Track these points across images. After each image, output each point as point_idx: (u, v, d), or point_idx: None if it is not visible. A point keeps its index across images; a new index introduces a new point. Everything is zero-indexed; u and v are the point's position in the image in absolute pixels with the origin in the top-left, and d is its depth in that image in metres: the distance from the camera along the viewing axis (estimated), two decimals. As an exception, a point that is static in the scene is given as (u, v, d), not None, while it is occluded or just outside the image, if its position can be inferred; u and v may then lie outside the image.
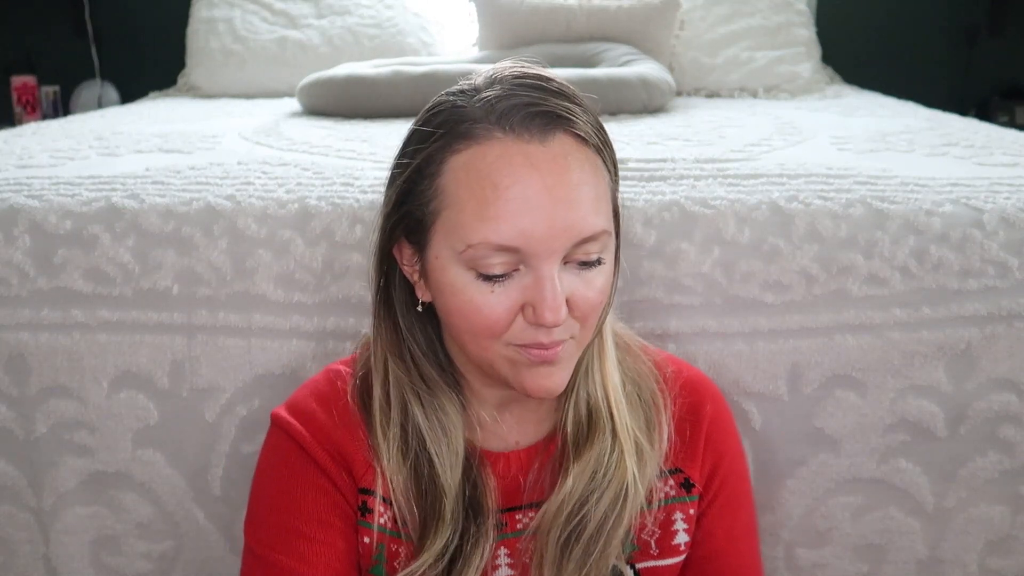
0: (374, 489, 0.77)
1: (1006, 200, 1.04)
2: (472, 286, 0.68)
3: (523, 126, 0.66)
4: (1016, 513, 1.04)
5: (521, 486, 0.79)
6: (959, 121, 1.69)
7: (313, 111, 1.76)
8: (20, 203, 1.05)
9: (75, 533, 1.07)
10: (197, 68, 2.36)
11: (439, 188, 0.68)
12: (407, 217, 0.71)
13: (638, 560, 0.81)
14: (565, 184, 0.66)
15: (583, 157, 0.67)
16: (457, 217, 0.67)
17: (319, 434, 0.79)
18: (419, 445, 0.76)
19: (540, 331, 0.68)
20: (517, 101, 0.67)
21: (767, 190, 1.05)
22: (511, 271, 0.67)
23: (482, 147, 0.66)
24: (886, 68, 2.75)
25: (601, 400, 0.78)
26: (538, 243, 0.65)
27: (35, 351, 1.03)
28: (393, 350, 0.77)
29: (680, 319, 1.00)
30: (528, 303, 0.67)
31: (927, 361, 0.99)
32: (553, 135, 0.66)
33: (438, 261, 0.69)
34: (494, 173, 0.65)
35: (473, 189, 0.66)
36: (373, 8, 2.36)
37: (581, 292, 0.69)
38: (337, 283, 1.02)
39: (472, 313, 0.68)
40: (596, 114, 0.71)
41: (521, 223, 0.65)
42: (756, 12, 2.32)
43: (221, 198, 1.05)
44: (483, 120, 0.67)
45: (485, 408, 0.79)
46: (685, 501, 0.82)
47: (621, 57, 1.95)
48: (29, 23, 2.83)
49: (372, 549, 0.77)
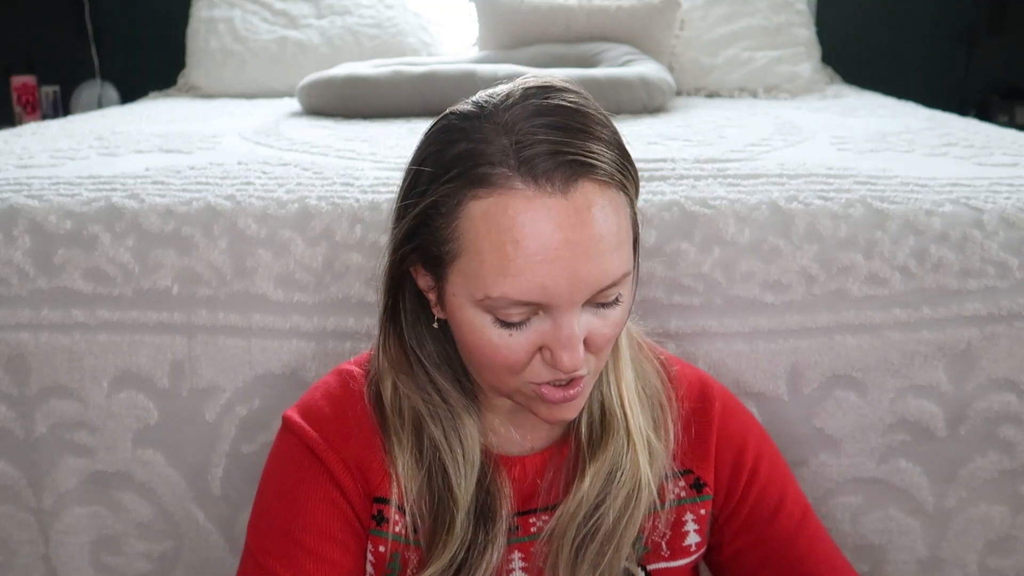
0: (390, 497, 0.76)
1: (1006, 200, 1.04)
2: (490, 329, 0.67)
3: (545, 177, 0.63)
4: (1016, 513, 1.04)
5: (537, 490, 0.79)
6: (959, 121, 1.69)
7: (313, 111, 1.76)
8: (20, 203, 1.05)
9: (75, 533, 1.07)
10: (197, 68, 2.36)
11: (456, 231, 0.66)
12: (421, 249, 0.69)
13: (648, 562, 0.81)
14: (587, 239, 0.64)
15: (606, 202, 0.65)
16: (476, 267, 0.65)
17: (334, 440, 0.77)
18: (434, 455, 0.75)
19: (558, 373, 0.68)
20: (540, 149, 0.63)
21: (767, 190, 1.05)
22: (530, 316, 0.67)
23: (503, 197, 0.63)
24: (886, 68, 2.75)
25: (615, 401, 0.78)
26: (558, 298, 0.65)
27: (35, 351, 1.03)
28: (401, 368, 0.76)
29: (680, 319, 1.00)
30: (546, 346, 0.67)
31: (927, 361, 0.99)
32: (576, 184, 0.64)
33: (455, 299, 0.68)
34: (515, 228, 0.63)
35: (493, 242, 0.64)
36: (373, 8, 2.36)
37: (598, 330, 0.68)
38: (337, 283, 1.02)
39: (491, 353, 0.68)
40: (615, 133, 0.69)
41: (542, 280, 0.64)
42: (756, 12, 2.32)
43: (221, 198, 1.05)
44: (503, 164, 0.64)
45: (498, 415, 0.79)
46: (696, 502, 0.82)
47: (621, 57, 1.95)
48: (29, 23, 2.83)
49: (387, 558, 0.77)
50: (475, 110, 0.67)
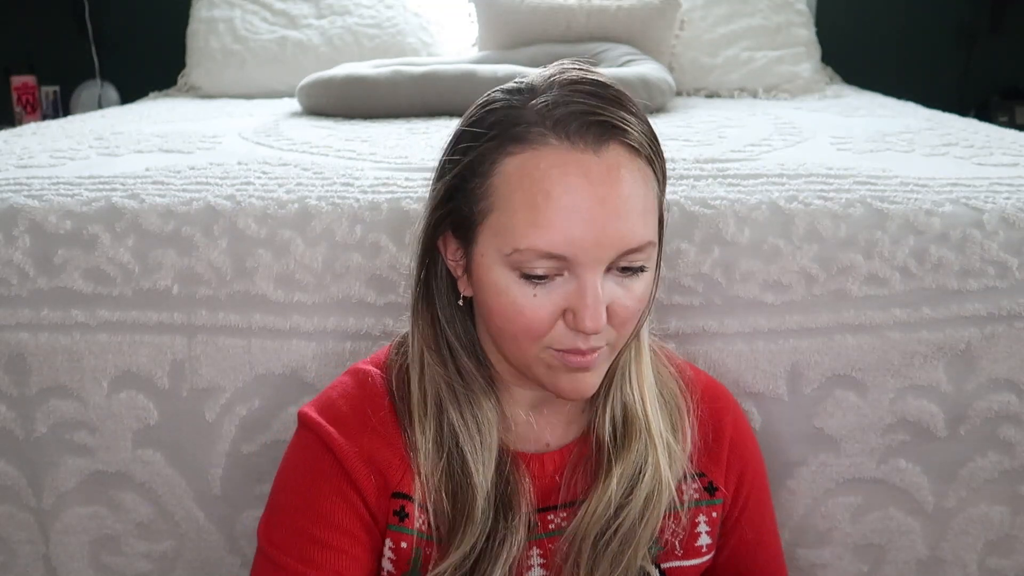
0: (411, 494, 0.76)
1: (1006, 200, 1.04)
2: (515, 287, 0.68)
3: (578, 134, 0.66)
4: (1016, 513, 1.04)
5: (556, 487, 0.80)
6: (959, 121, 1.69)
7: (313, 111, 1.76)
8: (20, 203, 1.05)
9: (75, 533, 1.07)
10: (197, 68, 2.36)
11: (490, 188, 0.68)
12: (454, 213, 0.71)
13: (663, 560, 0.82)
14: (616, 196, 0.66)
15: (635, 168, 0.67)
16: (507, 220, 0.67)
17: (351, 434, 0.77)
18: (453, 441, 0.76)
19: (579, 336, 0.69)
20: (574, 108, 0.66)
21: (767, 190, 1.05)
22: (555, 275, 0.68)
23: (537, 152, 0.66)
24: (886, 68, 2.75)
25: (637, 402, 0.79)
26: (585, 253, 0.66)
27: (35, 351, 1.03)
28: (430, 344, 0.77)
29: (680, 319, 1.00)
30: (569, 308, 0.68)
31: (927, 361, 0.99)
32: (607, 145, 0.66)
33: (483, 259, 0.69)
34: (547, 180, 0.65)
35: (525, 194, 0.66)
36: (373, 8, 2.36)
37: (621, 300, 0.69)
38: (337, 283, 1.02)
39: (515, 314, 0.69)
40: (648, 122, 0.71)
41: (570, 233, 0.65)
42: (756, 12, 2.32)
43: (221, 198, 1.05)
44: (539, 124, 0.67)
45: (518, 408, 0.80)
46: (709, 504, 0.84)
47: (621, 57, 1.95)
48: (29, 23, 2.83)
49: (409, 553, 0.77)
50: (516, 85, 0.71)
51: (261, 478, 1.04)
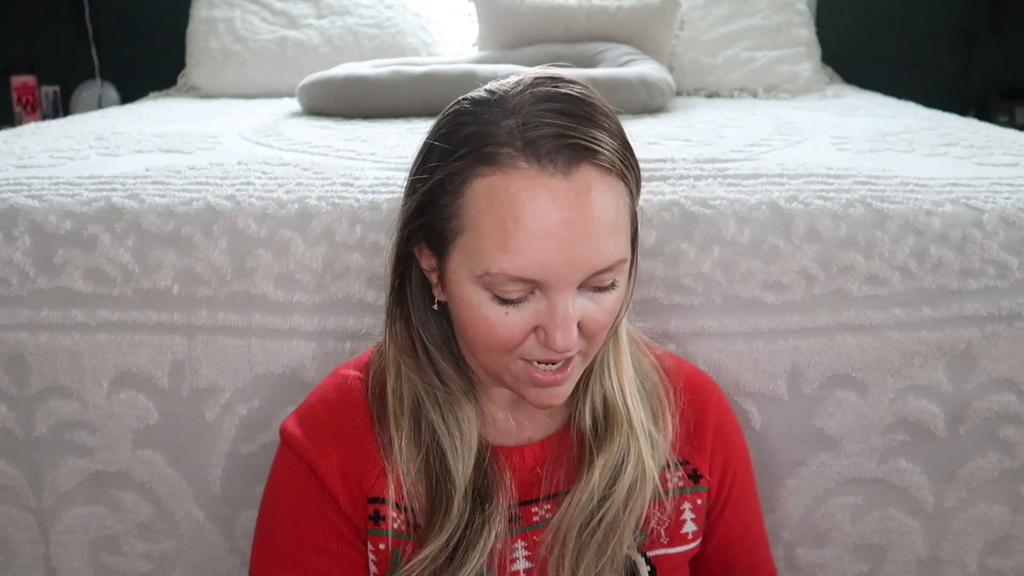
0: (385, 496, 0.77)
1: (1006, 200, 1.04)
2: (487, 306, 0.69)
3: (548, 158, 0.66)
4: (1016, 513, 1.04)
5: (538, 479, 0.81)
6: (959, 121, 1.69)
7: (313, 111, 1.76)
8: (20, 203, 1.05)
9: (75, 533, 1.07)
10: (197, 68, 2.36)
11: (460, 208, 0.68)
12: (427, 227, 0.71)
13: (648, 549, 0.83)
14: (585, 220, 0.66)
15: (605, 187, 0.67)
16: (477, 243, 0.67)
17: (326, 444, 0.78)
18: (432, 440, 0.77)
19: (550, 352, 0.70)
20: (545, 131, 0.66)
21: (767, 190, 1.05)
22: (527, 295, 0.69)
23: (506, 176, 0.66)
24: (886, 68, 2.75)
25: (617, 394, 0.80)
26: (555, 276, 0.67)
27: (35, 351, 1.03)
28: (406, 350, 0.78)
29: (680, 319, 1.00)
30: (541, 326, 0.69)
31: (927, 361, 0.99)
32: (578, 167, 0.66)
33: (456, 276, 0.70)
34: (516, 205, 0.65)
35: (494, 218, 0.66)
36: (373, 8, 2.36)
37: (592, 315, 0.70)
38: (337, 283, 1.02)
39: (486, 330, 0.70)
40: (621, 132, 0.70)
41: (539, 257, 0.66)
42: (756, 12, 2.32)
43: (221, 198, 1.05)
44: (508, 145, 0.66)
45: (496, 405, 0.81)
46: (694, 491, 0.85)
47: (621, 57, 1.95)
48: (29, 23, 2.83)
49: (388, 554, 0.78)
50: (486, 95, 0.70)
51: (261, 478, 1.04)
